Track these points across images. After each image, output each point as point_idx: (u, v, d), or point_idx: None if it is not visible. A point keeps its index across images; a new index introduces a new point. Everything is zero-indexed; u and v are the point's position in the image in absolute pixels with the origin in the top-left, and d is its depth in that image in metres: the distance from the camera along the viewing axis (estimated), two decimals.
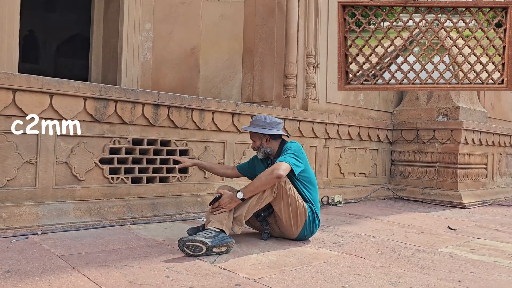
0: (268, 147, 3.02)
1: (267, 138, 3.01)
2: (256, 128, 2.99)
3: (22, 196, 3.01)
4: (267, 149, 3.02)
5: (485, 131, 5.91)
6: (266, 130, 2.97)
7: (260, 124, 2.99)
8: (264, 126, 2.97)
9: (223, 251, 2.52)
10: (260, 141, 3.02)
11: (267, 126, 2.97)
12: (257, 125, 3.00)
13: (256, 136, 3.03)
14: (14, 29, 4.38)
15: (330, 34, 5.33)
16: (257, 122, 3.01)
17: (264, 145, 3.01)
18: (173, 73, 5.60)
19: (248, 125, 3.10)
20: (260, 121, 3.00)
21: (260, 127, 2.98)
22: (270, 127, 2.98)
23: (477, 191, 5.76)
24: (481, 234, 3.54)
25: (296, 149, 2.90)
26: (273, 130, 2.98)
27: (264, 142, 3.01)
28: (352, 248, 2.86)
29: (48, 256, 2.34)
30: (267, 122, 2.98)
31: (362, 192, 5.62)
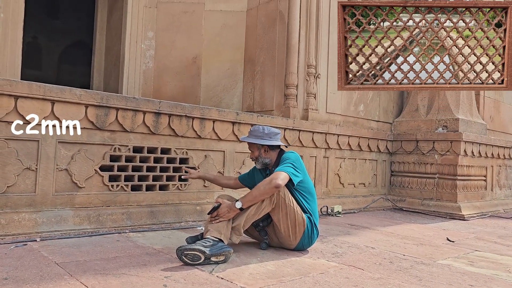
0: (267, 157, 3.03)
1: (266, 148, 3.02)
2: (254, 139, 3.00)
3: (22, 202, 3.01)
4: (266, 159, 3.04)
5: (485, 143, 5.92)
6: (264, 141, 2.98)
7: (258, 134, 3.00)
8: (262, 137, 2.99)
9: (221, 260, 2.52)
10: (259, 152, 3.04)
11: (265, 136, 2.99)
12: (255, 135, 3.01)
13: (254, 147, 3.05)
14: (17, 35, 4.42)
15: (331, 44, 5.37)
16: (255, 133, 3.02)
17: (263, 155, 3.03)
18: (175, 81, 5.64)
19: (247, 136, 3.11)
20: (258, 131, 3.01)
21: (258, 137, 2.99)
22: (268, 138, 2.99)
23: (476, 203, 5.76)
24: (480, 247, 3.54)
25: (294, 159, 2.91)
26: (271, 141, 2.99)
27: (263, 153, 3.03)
28: (350, 259, 2.86)
29: (46, 263, 2.34)
30: (265, 132, 2.99)
31: (362, 202, 5.62)
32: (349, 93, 5.69)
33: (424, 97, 6.12)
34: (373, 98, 6.06)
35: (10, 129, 2.95)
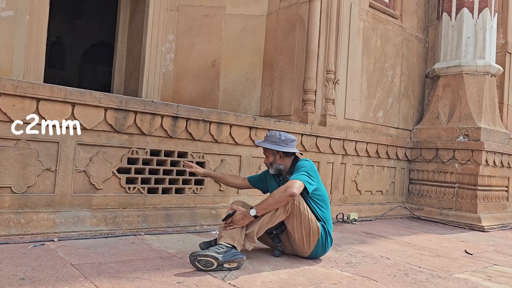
0: (281, 164, 3.02)
1: (281, 155, 3.00)
2: (270, 144, 2.98)
3: (41, 202, 3.08)
4: (280, 165, 3.02)
5: (507, 152, 5.78)
6: (280, 147, 2.96)
7: (275, 140, 2.98)
8: (278, 143, 2.97)
9: (234, 267, 2.52)
10: (274, 157, 3.02)
11: (281, 143, 2.97)
12: (271, 141, 2.99)
13: (269, 152, 3.03)
14: (41, 37, 4.51)
15: (351, 50, 5.33)
16: (271, 138, 3.01)
17: (277, 161, 3.01)
18: (194, 84, 5.68)
19: (262, 140, 3.09)
20: (274, 137, 3.00)
21: (274, 143, 2.98)
22: (284, 144, 2.97)
23: (497, 214, 5.63)
24: (499, 260, 3.45)
25: (309, 167, 2.89)
26: (287, 147, 2.97)
27: (278, 159, 3.01)
28: (364, 269, 2.83)
29: (62, 264, 2.38)
30: (282, 139, 2.97)
31: (379, 210, 5.56)
32: (368, 99, 5.63)
33: (446, 105, 6.01)
34: (392, 104, 5.99)
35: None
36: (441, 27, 6.20)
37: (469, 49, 5.92)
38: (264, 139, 3.07)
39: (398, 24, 6.05)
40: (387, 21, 5.88)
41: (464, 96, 5.82)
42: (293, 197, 2.71)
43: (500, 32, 6.46)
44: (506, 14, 6.50)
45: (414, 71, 6.36)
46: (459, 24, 5.99)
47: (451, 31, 6.07)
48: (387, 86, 5.91)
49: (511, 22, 6.54)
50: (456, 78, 5.93)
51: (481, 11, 5.91)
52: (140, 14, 5.82)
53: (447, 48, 6.10)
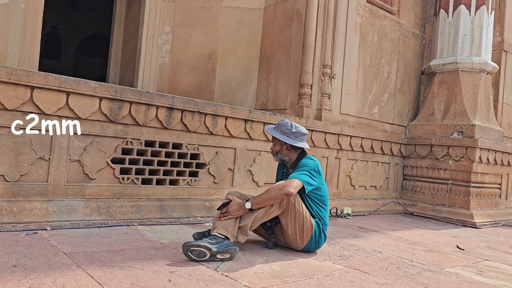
0: (287, 155, 3.00)
1: (288, 147, 2.98)
2: (279, 135, 2.94)
3: (34, 191, 3.06)
4: (285, 157, 3.01)
5: (501, 150, 5.81)
6: (289, 140, 2.92)
7: (285, 131, 2.94)
8: (288, 135, 2.93)
9: (226, 258, 2.53)
10: (280, 147, 2.99)
11: (291, 135, 2.93)
12: (282, 130, 2.95)
13: (277, 141, 2.99)
14: (37, 26, 4.47)
15: (347, 45, 5.32)
16: (282, 128, 2.96)
17: (283, 152, 2.99)
18: (190, 76, 5.66)
19: (273, 127, 3.03)
20: (286, 127, 2.94)
21: (284, 134, 2.94)
22: (294, 137, 2.94)
23: (490, 211, 5.67)
24: (490, 256, 3.48)
25: (312, 167, 2.87)
26: (296, 141, 2.93)
27: (284, 150, 2.99)
28: (357, 262, 2.84)
29: (54, 252, 2.38)
30: (293, 131, 2.93)
31: (372, 205, 5.58)
32: (364, 94, 5.64)
33: (441, 101, 6.03)
34: (388, 100, 6.00)
35: (25, 118, 3.00)
36: (438, 24, 6.20)
37: (465, 46, 5.94)
38: (276, 126, 3.01)
39: (395, 20, 6.05)
40: (384, 16, 5.88)
41: (460, 93, 5.84)
42: (289, 196, 2.71)
43: (496, 30, 6.48)
44: (503, 12, 6.52)
45: (410, 68, 6.37)
46: (456, 21, 6.00)
47: (448, 28, 6.08)
48: (383, 82, 5.92)
49: (507, 20, 6.56)
50: (452, 75, 5.95)
51: (478, 8, 5.92)
52: (137, 5, 5.78)
53: (443, 45, 6.11)
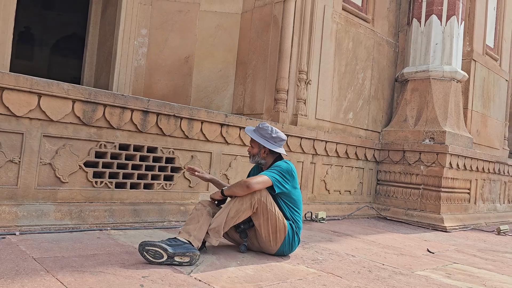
0: (263, 159, 3.03)
1: (266, 151, 3.00)
2: (259, 138, 2.97)
3: (3, 195, 2.98)
4: (262, 160, 3.04)
5: (470, 156, 5.99)
6: (268, 144, 2.95)
7: (265, 135, 2.96)
8: (268, 139, 2.96)
9: (185, 262, 2.48)
10: (258, 150, 3.01)
11: (271, 140, 2.96)
12: (261, 134, 2.98)
13: (256, 144, 3.02)
14: (8, 26, 4.38)
15: (323, 51, 5.40)
16: (262, 131, 2.98)
17: (261, 156, 3.02)
18: (166, 80, 5.63)
19: (253, 129, 3.05)
20: (266, 131, 2.97)
21: (264, 137, 2.96)
22: (273, 142, 2.96)
23: (459, 215, 5.83)
24: (459, 259, 3.58)
25: (285, 169, 2.89)
26: (274, 146, 2.96)
27: (262, 153, 3.01)
28: (330, 266, 2.88)
29: (23, 258, 2.32)
30: (272, 136, 2.96)
31: (346, 209, 5.66)
32: (339, 100, 5.72)
33: (413, 108, 6.18)
34: (363, 106, 6.11)
35: None
36: (411, 33, 6.37)
37: (437, 55, 6.11)
38: (256, 129, 3.03)
39: (370, 28, 6.18)
40: (359, 24, 5.99)
41: (431, 100, 6.00)
42: (250, 189, 2.73)
43: (466, 39, 6.69)
44: (472, 23, 6.74)
45: (384, 75, 6.50)
46: (428, 31, 6.17)
47: (420, 37, 6.25)
48: (358, 88, 6.03)
49: (476, 30, 6.78)
50: (424, 82, 6.11)
51: (449, 18, 6.10)
52: (113, 6, 5.72)
53: (416, 53, 6.28)
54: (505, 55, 7.73)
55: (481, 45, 6.92)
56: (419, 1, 6.31)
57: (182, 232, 2.64)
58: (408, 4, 6.61)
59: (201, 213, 2.77)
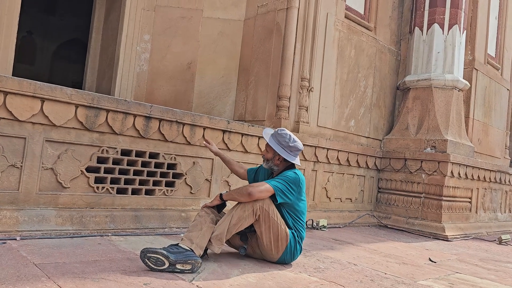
0: (276, 165, 3.01)
1: (281, 158, 2.98)
2: (275, 145, 2.94)
3: (4, 199, 2.97)
4: (274, 167, 3.02)
5: (471, 165, 5.98)
6: (283, 152, 2.93)
7: (282, 142, 2.94)
8: (284, 147, 2.93)
9: (187, 269, 2.46)
10: (272, 156, 2.99)
11: (287, 148, 2.94)
12: (278, 141, 2.95)
13: (271, 149, 2.99)
14: (11, 31, 4.38)
15: (325, 59, 5.41)
16: (280, 138, 2.95)
17: (275, 162, 3.00)
18: (168, 85, 5.63)
19: (271, 134, 3.02)
20: (284, 139, 2.94)
21: (280, 145, 2.93)
22: (289, 151, 2.94)
23: (460, 224, 5.81)
24: (461, 269, 3.56)
25: (291, 179, 2.87)
26: (289, 156, 2.94)
27: (276, 160, 2.99)
28: (332, 274, 2.86)
29: (24, 263, 2.31)
30: (290, 145, 2.93)
31: (347, 217, 5.64)
32: (341, 108, 5.73)
33: (415, 116, 6.18)
34: (364, 114, 6.11)
35: None
36: (413, 41, 6.38)
37: (438, 64, 6.12)
38: (273, 134, 3.00)
39: (372, 36, 6.19)
40: (361, 32, 6.01)
41: (433, 109, 6.00)
42: (250, 197, 2.72)
43: (468, 48, 6.71)
44: (474, 32, 6.76)
45: (386, 83, 6.51)
46: (430, 39, 6.19)
47: (422, 46, 6.26)
48: (360, 96, 6.03)
49: (478, 39, 6.80)
50: (425, 91, 6.11)
51: (451, 27, 6.12)
52: (116, 12, 5.74)
53: (418, 62, 6.29)
54: (506, 64, 7.74)
55: (482, 54, 6.94)
56: (421, 10, 6.33)
57: (185, 239, 2.62)
58: (410, 12, 6.64)
59: (205, 220, 2.75)
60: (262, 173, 3.21)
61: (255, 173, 3.27)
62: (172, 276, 2.38)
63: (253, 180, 3.24)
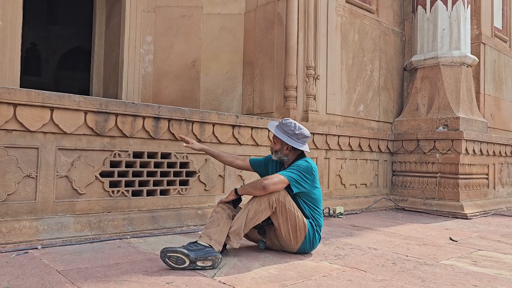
0: (286, 155, 2.98)
1: (289, 147, 2.95)
2: (281, 135, 2.92)
3: (23, 210, 3.01)
4: (284, 157, 2.98)
5: (486, 141, 5.90)
6: (291, 141, 2.90)
7: (288, 131, 2.91)
8: (290, 136, 2.91)
9: (208, 266, 2.47)
10: (280, 147, 2.96)
11: (294, 137, 2.91)
12: (284, 130, 2.93)
13: (278, 140, 2.97)
14: (16, 43, 4.41)
15: (329, 45, 5.36)
16: (285, 127, 2.93)
17: (283, 152, 2.97)
18: (174, 85, 5.63)
19: (276, 124, 3.01)
20: (289, 128, 2.92)
21: (286, 134, 2.91)
22: (296, 139, 2.91)
23: (479, 201, 5.74)
24: (483, 246, 3.52)
25: (304, 168, 2.85)
26: (297, 143, 2.91)
27: (284, 150, 2.96)
28: (353, 261, 2.84)
29: (47, 271, 2.33)
30: (295, 132, 2.90)
31: (364, 203, 5.61)
32: (349, 93, 5.68)
33: (424, 96, 6.11)
34: (373, 98, 6.05)
35: (9, 137, 2.95)
36: (417, 20, 6.29)
37: (444, 41, 6.03)
38: (279, 124, 2.98)
39: (374, 18, 6.12)
40: (364, 15, 5.94)
41: (442, 87, 5.92)
42: (265, 189, 2.69)
43: (473, 23, 6.60)
44: (478, 5, 6.64)
45: (393, 65, 6.44)
46: (434, 17, 6.09)
47: (427, 24, 6.17)
48: (367, 80, 5.97)
49: (483, 13, 6.68)
50: (433, 69, 6.03)
51: (454, 3, 6.02)
52: (116, 17, 5.75)
53: (423, 41, 6.20)
54: None
55: (489, 28, 6.82)
56: None
57: (203, 236, 2.62)
58: None
59: (221, 216, 2.75)
60: (272, 165, 3.17)
61: (267, 165, 3.23)
62: (193, 273, 2.38)
63: (265, 171, 3.22)
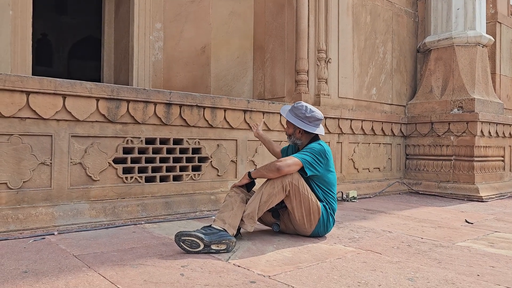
0: (299, 139, 2.98)
1: (301, 131, 2.95)
2: (293, 118, 2.92)
3: (38, 197, 3.04)
4: (297, 140, 2.99)
5: (502, 122, 5.79)
6: (302, 124, 2.89)
7: (299, 115, 2.90)
8: (302, 119, 2.90)
9: (222, 249, 2.48)
10: (293, 131, 2.97)
11: (305, 120, 2.89)
12: (296, 114, 2.92)
13: (291, 124, 2.97)
14: (27, 32, 4.42)
15: (341, 28, 5.28)
16: (296, 111, 2.92)
17: (296, 135, 2.97)
18: (184, 72, 5.61)
19: (289, 108, 3.00)
20: (300, 111, 2.90)
21: (298, 117, 2.90)
22: (307, 122, 2.90)
23: (495, 184, 5.66)
24: (500, 227, 3.47)
25: (317, 151, 2.83)
26: (308, 126, 2.90)
27: (297, 133, 2.96)
28: (367, 243, 2.83)
29: (64, 256, 2.36)
30: (307, 115, 2.89)
31: (377, 187, 5.57)
32: (361, 76, 5.60)
33: (438, 78, 6.00)
34: (385, 81, 5.97)
35: (23, 124, 2.97)
36: (430, 0, 6.15)
37: (459, 21, 5.89)
38: (291, 108, 2.98)
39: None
40: None
41: (457, 68, 5.80)
42: (279, 172, 2.69)
43: (489, 1, 6.44)
44: None
45: (405, 46, 6.33)
46: None
47: (441, 3, 6.03)
48: (379, 63, 5.88)
49: None
50: (447, 50, 5.91)
51: None
52: (126, 4, 5.72)
53: (437, 21, 6.07)
54: None
55: (505, 6, 6.64)
56: None
57: (217, 220, 2.63)
58: None
59: (235, 200, 2.75)
60: (289, 150, 3.21)
61: (286, 152, 3.25)
62: (208, 256, 2.39)
63: (286, 154, 3.22)
